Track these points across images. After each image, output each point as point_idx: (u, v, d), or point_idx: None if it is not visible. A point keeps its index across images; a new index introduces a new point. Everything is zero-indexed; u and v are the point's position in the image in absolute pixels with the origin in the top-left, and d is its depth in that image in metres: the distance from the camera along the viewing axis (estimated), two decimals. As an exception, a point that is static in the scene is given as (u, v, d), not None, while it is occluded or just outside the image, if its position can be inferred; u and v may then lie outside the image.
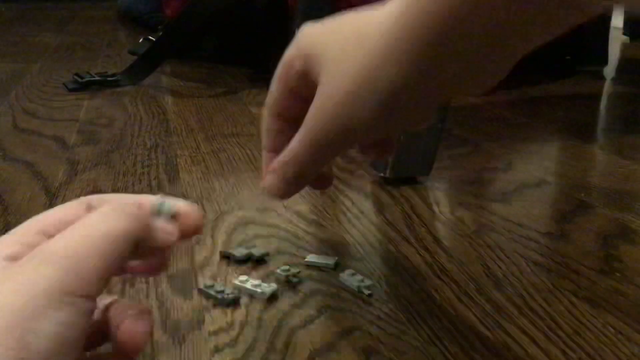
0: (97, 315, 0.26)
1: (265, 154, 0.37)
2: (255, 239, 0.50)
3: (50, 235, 0.25)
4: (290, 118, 0.35)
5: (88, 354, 0.27)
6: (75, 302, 0.22)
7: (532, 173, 0.68)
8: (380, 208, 0.57)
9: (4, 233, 0.52)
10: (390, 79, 0.28)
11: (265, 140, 0.37)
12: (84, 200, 0.27)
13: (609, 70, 1.27)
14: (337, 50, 0.31)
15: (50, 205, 0.56)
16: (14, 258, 0.24)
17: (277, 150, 0.35)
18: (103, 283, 0.23)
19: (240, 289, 0.42)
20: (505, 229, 0.53)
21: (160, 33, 1.20)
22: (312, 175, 0.35)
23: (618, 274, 0.46)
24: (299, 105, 0.34)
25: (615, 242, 0.51)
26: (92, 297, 0.23)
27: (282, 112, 0.35)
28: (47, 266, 0.22)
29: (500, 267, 0.46)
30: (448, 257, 0.48)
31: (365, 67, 0.29)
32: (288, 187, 0.35)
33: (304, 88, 0.33)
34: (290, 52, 0.35)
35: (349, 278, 0.44)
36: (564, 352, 0.37)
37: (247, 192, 0.60)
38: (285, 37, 1.24)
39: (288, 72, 0.34)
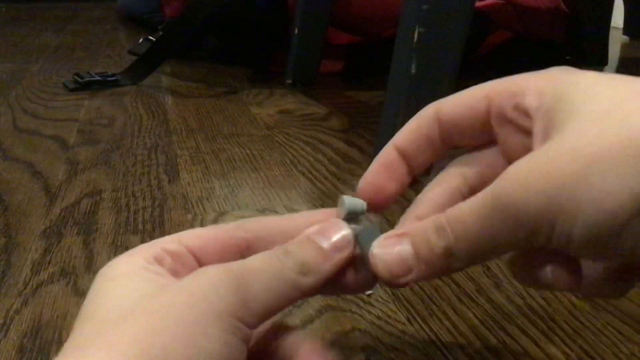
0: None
1: (387, 150, 0.28)
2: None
3: (191, 249, 0.25)
4: (445, 137, 0.27)
5: None
6: (241, 328, 0.21)
7: (532, 173, 0.68)
8: (380, 208, 0.57)
9: (4, 233, 0.53)
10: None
11: (405, 135, 0.28)
12: (241, 225, 0.26)
13: (609, 70, 1.27)
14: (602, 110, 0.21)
15: (51, 205, 0.56)
16: (158, 260, 0.24)
17: (407, 157, 0.28)
18: (263, 320, 0.23)
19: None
20: (505, 229, 0.53)
21: (160, 33, 1.20)
22: (459, 267, 0.24)
23: (618, 274, 0.46)
24: (437, 152, 0.27)
25: (615, 242, 0.51)
26: (254, 328, 0.22)
27: (446, 123, 0.27)
28: (223, 288, 0.21)
29: (500, 267, 0.46)
30: (448, 257, 0.48)
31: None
32: (420, 270, 0.24)
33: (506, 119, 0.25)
34: (532, 78, 0.24)
35: (349, 278, 0.44)
36: (564, 352, 0.37)
37: (247, 192, 0.60)
38: (286, 37, 1.24)
39: (503, 98, 0.25)
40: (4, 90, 1.00)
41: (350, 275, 0.26)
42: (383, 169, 0.28)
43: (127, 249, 0.50)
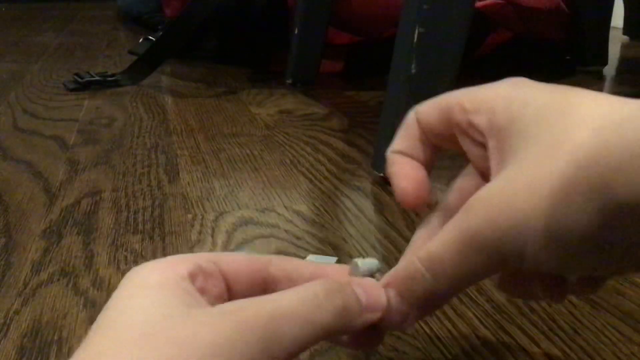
0: None
1: (392, 157, 0.29)
2: (255, 239, 0.50)
3: (223, 272, 0.25)
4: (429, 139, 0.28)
5: None
6: None
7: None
8: (380, 208, 0.57)
9: (4, 233, 0.53)
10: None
11: (399, 141, 0.29)
12: (267, 259, 0.26)
13: (609, 70, 1.27)
14: (562, 133, 0.22)
15: (51, 205, 0.56)
16: (192, 276, 0.23)
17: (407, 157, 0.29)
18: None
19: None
20: (505, 229, 0.53)
21: (160, 33, 1.20)
22: (448, 298, 0.26)
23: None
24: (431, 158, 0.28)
25: (615, 242, 0.51)
26: None
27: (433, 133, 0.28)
28: (247, 331, 0.21)
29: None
30: (448, 257, 0.48)
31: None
32: (415, 312, 0.26)
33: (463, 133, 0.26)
34: (488, 96, 0.25)
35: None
36: (564, 352, 0.37)
37: (247, 192, 0.60)
38: (285, 37, 1.24)
39: (458, 113, 0.26)
40: (4, 90, 1.00)
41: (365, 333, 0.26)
42: (407, 179, 0.29)
43: (127, 249, 0.50)
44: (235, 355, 0.20)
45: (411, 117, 0.29)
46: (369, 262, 0.26)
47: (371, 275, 0.26)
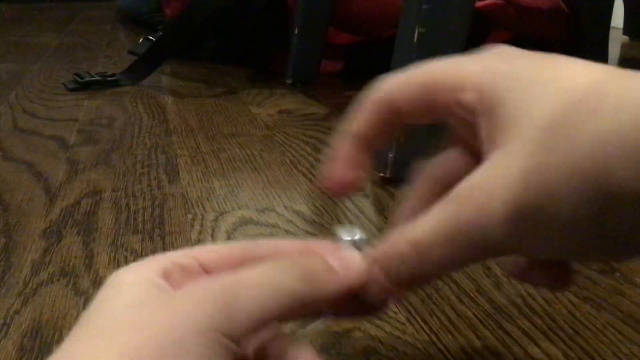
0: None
1: (346, 142, 0.28)
2: (255, 239, 0.50)
3: (203, 264, 0.24)
4: (376, 143, 0.27)
5: None
6: (225, 343, 0.21)
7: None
8: (380, 208, 0.57)
9: (4, 233, 0.52)
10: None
11: (358, 123, 0.28)
12: (253, 243, 0.26)
13: (609, 70, 1.26)
14: (561, 116, 0.20)
15: (51, 205, 0.56)
16: (165, 275, 0.23)
17: (365, 144, 0.28)
18: (255, 331, 0.22)
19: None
20: (505, 229, 0.53)
21: (160, 33, 1.20)
22: (433, 280, 0.27)
23: (618, 274, 0.46)
24: (388, 135, 0.27)
25: (615, 242, 0.51)
26: (240, 342, 0.21)
27: (394, 111, 0.26)
28: (203, 300, 0.21)
29: (500, 267, 0.46)
30: (448, 257, 0.48)
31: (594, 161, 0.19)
32: (395, 289, 0.25)
33: (449, 113, 0.25)
34: (471, 66, 0.24)
35: (349, 278, 0.44)
36: (564, 352, 0.37)
37: (247, 192, 0.60)
38: (285, 37, 1.24)
39: (443, 91, 0.25)
40: (4, 90, 1.00)
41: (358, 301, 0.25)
42: (344, 163, 0.28)
43: (127, 249, 0.50)
44: (195, 327, 0.20)
45: (376, 96, 0.27)
46: (351, 231, 0.26)
47: (355, 245, 0.26)
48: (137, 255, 0.48)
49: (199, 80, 1.11)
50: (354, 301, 0.25)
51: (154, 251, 0.48)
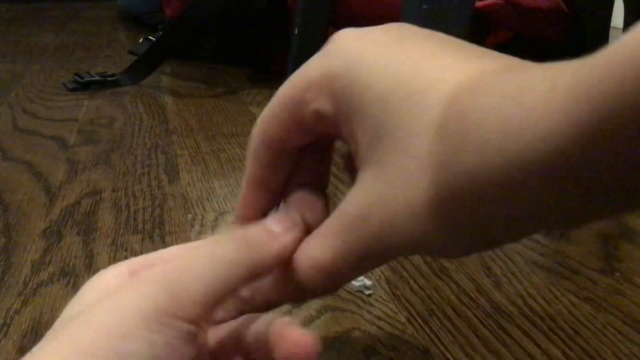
0: (215, 345, 0.25)
1: (246, 189, 0.27)
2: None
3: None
4: (278, 181, 0.27)
5: None
6: (174, 325, 0.21)
7: (532, 173, 0.68)
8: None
9: (4, 233, 0.52)
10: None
11: (251, 170, 0.27)
12: (210, 238, 0.26)
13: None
14: (418, 135, 0.20)
15: (51, 205, 0.56)
16: (132, 274, 0.24)
17: (264, 188, 0.27)
18: (206, 308, 0.22)
19: (240, 289, 0.42)
20: (505, 229, 0.53)
21: (160, 33, 1.20)
22: (341, 285, 0.26)
23: (618, 274, 0.46)
24: (303, 138, 0.25)
25: (615, 242, 0.51)
26: (193, 321, 0.21)
27: (276, 145, 0.26)
28: (145, 286, 0.21)
29: (500, 267, 0.46)
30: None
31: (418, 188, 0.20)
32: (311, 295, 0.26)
33: (319, 126, 0.24)
34: (316, 71, 0.24)
35: (349, 278, 0.44)
36: (564, 352, 0.37)
37: (247, 192, 0.60)
38: (285, 37, 1.24)
39: (301, 105, 0.24)
40: (4, 90, 1.00)
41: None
42: (246, 209, 0.28)
43: (127, 249, 0.50)
44: (138, 312, 0.20)
45: (254, 138, 0.26)
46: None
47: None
48: (137, 255, 0.47)
49: (199, 80, 1.10)
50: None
51: (154, 251, 0.48)
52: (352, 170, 0.24)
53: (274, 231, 0.24)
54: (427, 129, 0.19)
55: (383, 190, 0.21)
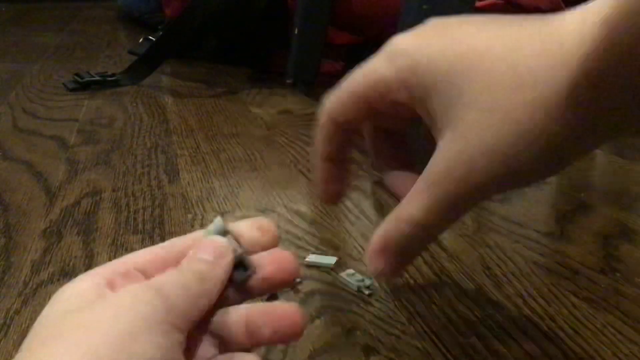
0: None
1: (321, 165, 0.32)
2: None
3: (143, 271, 0.26)
4: (344, 157, 0.32)
5: None
6: (170, 332, 0.23)
7: (532, 173, 0.68)
8: (380, 208, 0.57)
9: (4, 233, 0.52)
10: (555, 136, 0.23)
11: (323, 148, 0.32)
12: (166, 245, 0.28)
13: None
14: (481, 93, 0.24)
15: (51, 205, 0.56)
16: (110, 284, 0.25)
17: (336, 161, 0.32)
18: (193, 321, 0.24)
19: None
20: (505, 229, 0.53)
21: (160, 33, 1.20)
22: (428, 245, 0.32)
23: (618, 274, 0.46)
24: (375, 121, 0.30)
25: (615, 242, 0.51)
26: (183, 332, 0.24)
27: (349, 125, 0.31)
28: (145, 295, 0.23)
29: (500, 267, 0.46)
30: (448, 257, 0.48)
31: (523, 124, 0.23)
32: (403, 264, 0.30)
33: (393, 112, 0.28)
34: (388, 71, 0.28)
35: (349, 278, 0.44)
36: (564, 352, 0.37)
37: (247, 192, 0.60)
38: (285, 37, 1.24)
39: (378, 94, 0.28)
40: (4, 90, 1.00)
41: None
42: (325, 183, 0.33)
43: (127, 249, 0.50)
44: (143, 318, 0.22)
45: (322, 120, 0.31)
46: (217, 225, 0.28)
47: (221, 233, 0.28)
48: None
49: (199, 80, 1.10)
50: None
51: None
52: (379, 169, 0.32)
53: (209, 260, 0.26)
54: (500, 82, 0.24)
55: (462, 145, 0.25)
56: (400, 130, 0.33)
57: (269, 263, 0.28)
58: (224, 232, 0.28)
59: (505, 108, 0.24)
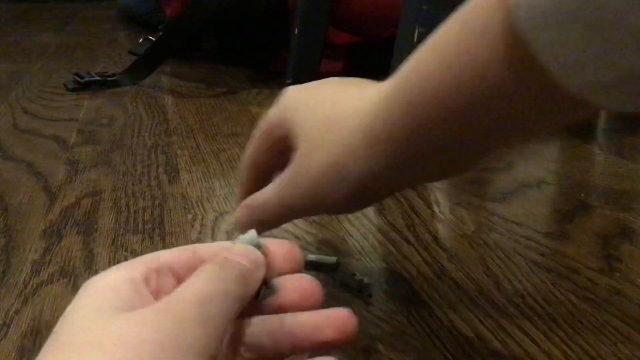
0: None
1: (238, 196, 0.39)
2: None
3: (172, 270, 0.26)
4: (267, 170, 0.37)
5: None
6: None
7: (532, 173, 0.68)
8: (380, 208, 0.57)
9: (4, 233, 0.52)
10: (360, 170, 0.30)
11: (239, 189, 0.39)
12: (190, 248, 0.28)
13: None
14: (313, 129, 0.33)
15: (51, 205, 0.56)
16: (146, 279, 0.24)
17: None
18: (222, 342, 0.24)
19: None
20: (505, 229, 0.53)
21: (160, 33, 1.20)
22: (278, 225, 0.38)
23: (618, 274, 0.46)
24: (277, 160, 0.36)
25: (615, 242, 0.51)
26: (213, 357, 0.22)
27: (259, 165, 0.38)
28: (189, 322, 0.22)
29: (500, 267, 0.46)
30: (448, 257, 0.48)
31: (335, 157, 0.31)
32: (255, 225, 0.33)
33: (283, 147, 0.35)
34: (273, 115, 0.36)
35: (349, 278, 0.44)
36: (564, 352, 0.37)
37: (247, 192, 0.60)
38: (285, 37, 1.24)
39: (268, 135, 0.36)
40: (4, 90, 1.00)
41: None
42: (248, 186, 0.39)
43: (127, 249, 0.50)
44: (182, 349, 0.21)
45: (245, 161, 0.38)
46: (251, 237, 0.28)
47: (254, 246, 0.28)
48: (137, 255, 0.47)
49: (199, 80, 1.11)
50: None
51: (153, 251, 0.48)
52: None
53: (249, 267, 0.26)
54: (322, 125, 0.33)
55: (294, 168, 0.33)
56: None
57: (294, 290, 0.28)
58: (257, 246, 0.27)
59: (321, 143, 0.32)
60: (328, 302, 0.41)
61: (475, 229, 0.53)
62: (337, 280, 0.44)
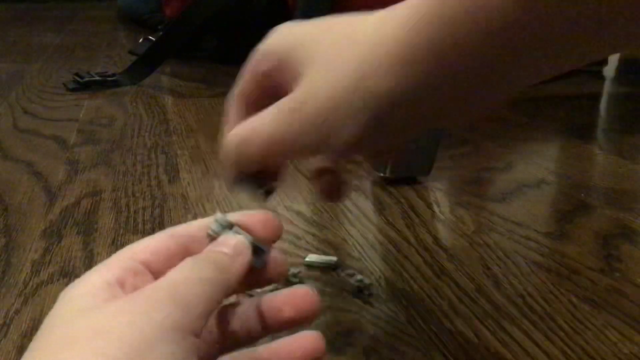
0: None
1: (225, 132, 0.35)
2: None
3: (148, 265, 0.26)
4: (259, 108, 0.33)
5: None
6: (186, 338, 0.22)
7: (532, 173, 0.68)
8: (380, 208, 0.57)
9: (4, 233, 0.52)
10: (384, 91, 0.26)
11: (226, 126, 0.34)
12: (168, 232, 0.28)
13: (609, 70, 1.27)
14: (325, 50, 0.29)
15: (51, 205, 0.56)
16: (120, 283, 0.24)
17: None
18: (205, 323, 0.24)
19: (240, 289, 0.42)
20: (505, 229, 0.53)
21: (160, 33, 1.20)
22: (263, 167, 0.33)
23: (618, 274, 0.46)
24: (268, 99, 0.32)
25: (615, 242, 0.51)
26: (197, 335, 0.23)
27: (249, 97, 0.34)
28: (160, 302, 0.23)
29: (500, 267, 0.46)
30: (448, 257, 0.48)
31: (354, 76, 0.27)
32: (239, 166, 0.32)
33: (275, 82, 0.32)
34: (264, 47, 0.34)
35: (349, 278, 0.44)
36: (564, 352, 0.37)
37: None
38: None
39: (258, 65, 0.33)
40: (4, 90, 1.00)
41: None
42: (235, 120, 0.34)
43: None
44: (157, 325, 0.22)
45: (233, 98, 0.34)
46: (220, 219, 0.28)
47: (229, 227, 0.28)
48: (137, 255, 0.48)
49: (199, 80, 1.11)
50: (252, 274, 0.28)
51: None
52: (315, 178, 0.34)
53: (229, 254, 0.26)
54: (340, 41, 0.29)
55: (307, 86, 0.29)
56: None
57: (287, 304, 0.28)
58: (230, 225, 0.28)
59: (334, 63, 0.28)
60: (328, 302, 0.41)
61: (475, 229, 0.53)
62: (337, 280, 0.44)
